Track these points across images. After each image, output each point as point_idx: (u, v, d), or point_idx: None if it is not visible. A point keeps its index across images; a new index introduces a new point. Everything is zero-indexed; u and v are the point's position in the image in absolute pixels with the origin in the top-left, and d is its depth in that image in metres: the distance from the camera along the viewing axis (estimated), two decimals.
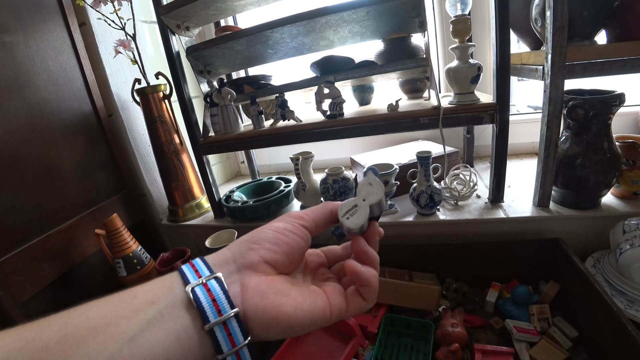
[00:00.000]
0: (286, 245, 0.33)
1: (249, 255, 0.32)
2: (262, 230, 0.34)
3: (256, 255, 0.32)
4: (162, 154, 1.11)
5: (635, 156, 0.81)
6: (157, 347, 0.25)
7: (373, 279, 0.33)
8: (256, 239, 0.33)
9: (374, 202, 0.35)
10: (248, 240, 0.33)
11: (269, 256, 0.32)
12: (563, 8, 0.69)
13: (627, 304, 0.71)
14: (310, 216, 0.36)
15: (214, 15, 1.03)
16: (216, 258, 0.32)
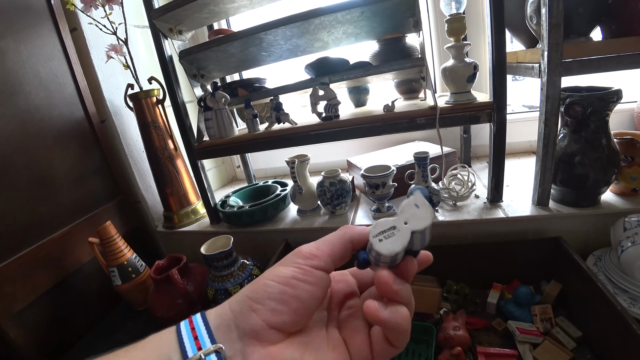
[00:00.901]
0: (295, 301, 0.27)
1: (250, 318, 0.27)
2: (264, 282, 0.28)
3: (259, 319, 0.26)
4: (157, 160, 1.10)
5: (634, 152, 0.80)
6: None
7: (403, 323, 0.27)
8: (257, 297, 0.27)
9: (419, 228, 0.27)
10: (249, 297, 0.28)
11: (275, 320, 0.26)
12: (559, 5, 0.69)
13: (631, 302, 0.70)
14: (325, 252, 0.29)
15: (207, 18, 1.02)
16: (218, 319, 0.28)
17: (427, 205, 0.28)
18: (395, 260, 0.28)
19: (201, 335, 0.26)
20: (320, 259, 0.29)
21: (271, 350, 0.26)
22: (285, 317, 0.27)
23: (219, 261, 0.81)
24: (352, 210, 0.99)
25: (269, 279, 0.28)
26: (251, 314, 0.27)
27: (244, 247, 0.98)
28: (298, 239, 0.95)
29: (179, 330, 0.27)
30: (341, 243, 0.30)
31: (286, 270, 0.28)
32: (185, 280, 0.89)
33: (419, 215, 0.28)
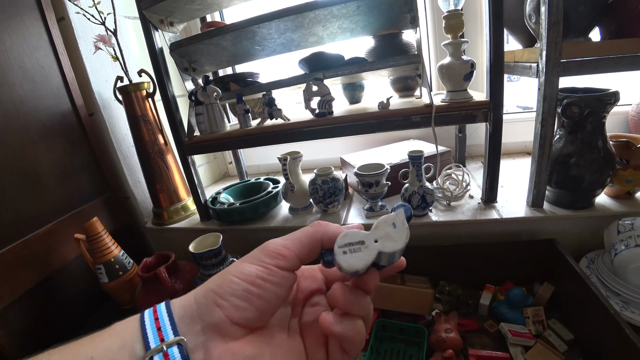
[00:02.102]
0: (259, 299, 0.27)
1: (214, 313, 0.26)
2: (230, 278, 0.27)
3: (222, 315, 0.26)
4: (146, 155, 1.07)
5: (629, 155, 0.80)
6: None
7: (356, 337, 0.27)
8: (222, 293, 0.27)
9: (388, 251, 0.26)
10: (214, 292, 0.27)
11: (237, 316, 0.26)
12: (558, 3, 0.68)
13: (623, 305, 0.70)
14: (293, 251, 0.29)
15: (198, 10, 0.99)
16: (182, 310, 0.27)
17: (404, 228, 0.27)
18: (357, 273, 0.27)
19: (164, 326, 0.26)
20: (287, 259, 0.28)
21: (232, 346, 0.26)
22: (249, 314, 0.27)
23: (207, 259, 0.79)
24: (345, 208, 0.98)
25: (234, 275, 0.28)
26: (215, 309, 0.26)
27: (234, 245, 0.96)
28: None
29: (142, 319, 0.27)
30: (310, 242, 0.30)
31: (251, 268, 0.28)
32: (173, 278, 0.87)
33: (392, 236, 0.27)
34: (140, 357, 0.25)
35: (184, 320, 0.26)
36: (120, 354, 0.25)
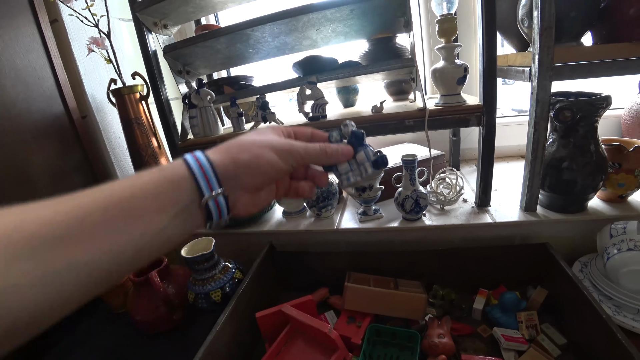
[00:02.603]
0: (263, 176, 0.38)
1: (237, 180, 0.36)
2: (257, 162, 0.37)
3: (240, 183, 0.36)
4: (140, 158, 1.07)
5: (622, 159, 0.80)
6: (175, 236, 0.34)
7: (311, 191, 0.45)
8: (238, 171, 0.36)
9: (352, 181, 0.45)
10: (235, 164, 0.36)
11: (258, 183, 0.38)
12: (551, 8, 0.68)
13: (615, 309, 0.70)
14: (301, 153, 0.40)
15: (193, 13, 0.99)
16: (221, 169, 0.35)
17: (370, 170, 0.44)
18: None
19: (211, 179, 0.34)
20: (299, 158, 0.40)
21: (251, 197, 0.38)
22: (258, 183, 0.38)
23: (200, 264, 0.78)
24: (339, 212, 0.98)
25: (246, 152, 0.37)
26: (236, 178, 0.36)
27: (227, 249, 0.96)
28: (283, 241, 0.93)
29: (196, 177, 0.34)
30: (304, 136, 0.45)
31: (272, 156, 0.38)
32: (165, 283, 0.86)
33: (361, 172, 0.45)
34: (196, 199, 0.34)
35: (223, 178, 0.35)
36: (183, 195, 0.33)
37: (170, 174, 0.34)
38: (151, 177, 0.33)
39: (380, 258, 0.84)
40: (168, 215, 0.32)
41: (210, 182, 0.34)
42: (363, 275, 0.81)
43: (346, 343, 0.71)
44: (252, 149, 0.37)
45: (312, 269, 0.88)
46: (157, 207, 0.32)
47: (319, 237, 0.92)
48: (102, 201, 0.29)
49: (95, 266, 0.28)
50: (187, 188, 0.33)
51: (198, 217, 0.35)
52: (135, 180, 0.33)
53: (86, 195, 0.30)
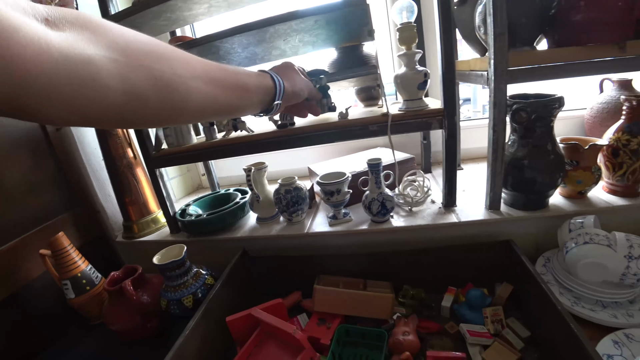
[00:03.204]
0: (298, 99, 0.69)
1: (287, 98, 0.64)
2: (296, 85, 0.66)
3: (287, 99, 0.64)
4: (115, 169, 1.08)
5: (579, 157, 0.84)
6: (249, 110, 0.58)
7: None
8: (289, 96, 0.64)
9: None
10: (292, 92, 0.64)
11: (292, 101, 0.67)
12: (502, 15, 0.71)
13: (575, 301, 0.73)
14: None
15: (165, 25, 1.01)
16: (285, 92, 0.62)
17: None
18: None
19: (280, 95, 0.61)
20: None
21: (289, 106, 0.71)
22: (298, 101, 0.70)
23: (171, 271, 0.79)
24: (311, 217, 1.00)
25: (302, 91, 0.69)
26: (291, 98, 0.66)
27: (202, 256, 0.97)
28: (256, 247, 0.94)
29: (276, 88, 0.61)
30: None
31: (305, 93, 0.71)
32: (141, 291, 0.86)
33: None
34: (269, 100, 0.60)
35: (284, 95, 0.62)
36: (267, 92, 0.59)
37: (267, 84, 0.58)
38: (260, 79, 0.57)
39: (350, 260, 0.86)
40: (256, 98, 0.57)
41: (280, 93, 0.60)
42: (333, 277, 0.83)
43: (316, 344, 0.72)
44: (300, 86, 0.67)
45: (285, 273, 0.90)
46: (255, 93, 0.56)
47: (290, 241, 0.93)
48: (241, 80, 0.52)
49: (222, 102, 0.48)
50: (271, 93, 0.59)
51: (260, 106, 0.59)
52: (252, 77, 0.56)
53: (229, 69, 0.50)
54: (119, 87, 0.34)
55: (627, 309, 0.69)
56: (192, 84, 0.42)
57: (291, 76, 0.65)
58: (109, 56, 0.32)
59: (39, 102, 0.29)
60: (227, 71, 0.49)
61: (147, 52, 0.37)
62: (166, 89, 0.39)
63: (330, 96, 0.83)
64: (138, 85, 0.36)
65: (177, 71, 0.40)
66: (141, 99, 0.36)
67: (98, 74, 0.31)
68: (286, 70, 0.66)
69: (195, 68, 0.43)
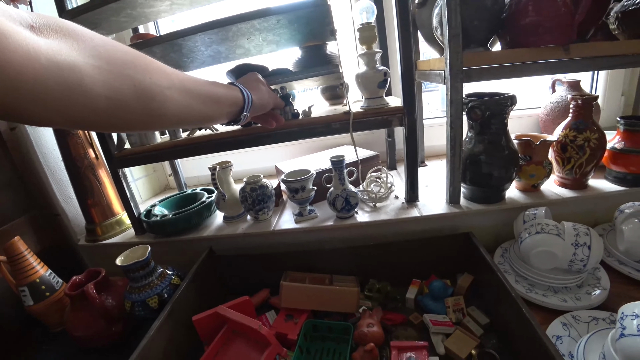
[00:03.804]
0: (263, 110, 0.72)
1: (254, 110, 0.67)
2: (263, 98, 0.69)
3: (254, 111, 0.67)
4: (76, 170, 1.04)
5: (531, 152, 0.88)
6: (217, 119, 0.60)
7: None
8: (257, 108, 0.67)
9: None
10: (259, 104, 0.68)
11: (258, 112, 0.70)
12: (456, 17, 0.74)
13: (529, 287, 0.77)
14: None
15: (125, 22, 0.98)
16: (253, 105, 0.65)
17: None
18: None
19: (248, 108, 0.64)
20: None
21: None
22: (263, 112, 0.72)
23: (135, 272, 0.78)
24: (277, 214, 1.00)
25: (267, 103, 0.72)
26: (258, 110, 0.69)
27: (168, 256, 0.96)
28: (223, 246, 0.94)
29: (245, 99, 0.63)
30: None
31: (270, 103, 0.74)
32: (104, 294, 0.84)
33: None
34: (237, 112, 0.63)
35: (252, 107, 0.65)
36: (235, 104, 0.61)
37: (237, 97, 0.61)
38: (230, 92, 0.60)
39: (317, 256, 0.87)
40: (227, 109, 0.59)
41: (247, 108, 0.63)
42: (300, 274, 0.84)
43: (284, 339, 0.73)
44: (266, 98, 0.70)
45: (253, 271, 0.90)
46: (226, 104, 0.59)
47: (257, 239, 0.94)
48: (213, 92, 0.55)
49: (195, 111, 0.51)
50: (239, 105, 0.62)
51: (229, 117, 0.62)
52: (223, 89, 0.58)
53: (202, 82, 0.53)
54: (102, 93, 0.35)
55: (575, 293, 0.74)
56: (169, 93, 0.44)
57: (258, 88, 0.69)
58: (92, 63, 0.34)
59: (29, 106, 0.30)
60: (201, 83, 0.52)
61: (127, 61, 0.39)
62: (146, 96, 0.41)
63: (292, 104, 0.88)
64: (120, 91, 0.37)
65: (155, 80, 0.42)
66: (123, 104, 0.38)
67: (83, 80, 0.33)
68: (253, 82, 0.70)
69: (171, 79, 0.45)
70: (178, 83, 0.46)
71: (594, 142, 0.85)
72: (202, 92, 0.52)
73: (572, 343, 0.64)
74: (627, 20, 0.81)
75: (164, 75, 0.44)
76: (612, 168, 0.92)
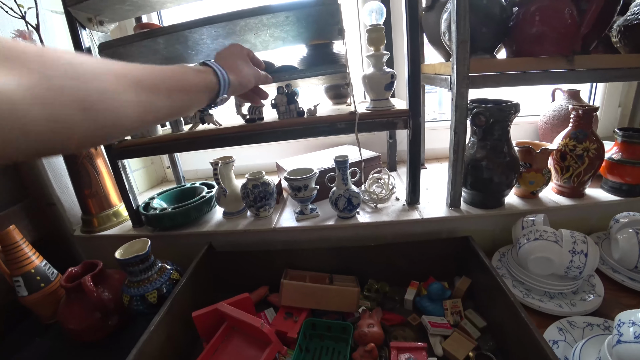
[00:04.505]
0: (245, 89, 0.67)
1: (234, 90, 0.63)
2: (243, 77, 0.64)
3: (233, 90, 0.63)
4: (73, 159, 1.02)
5: (531, 159, 0.90)
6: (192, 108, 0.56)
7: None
8: (236, 87, 0.63)
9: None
10: (238, 83, 0.63)
11: (239, 92, 0.66)
12: (465, 24, 0.75)
13: (526, 292, 0.78)
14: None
15: (130, 10, 0.97)
16: (231, 85, 0.61)
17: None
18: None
19: (225, 90, 0.59)
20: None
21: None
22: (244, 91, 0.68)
23: (134, 266, 0.77)
24: (278, 212, 1.00)
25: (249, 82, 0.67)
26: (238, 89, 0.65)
27: (166, 250, 0.95)
28: (222, 242, 0.93)
29: (220, 84, 0.58)
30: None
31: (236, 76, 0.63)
32: (101, 287, 0.83)
33: None
34: (214, 96, 0.58)
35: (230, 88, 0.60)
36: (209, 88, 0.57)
37: (209, 80, 0.56)
38: (201, 77, 0.55)
39: (317, 255, 0.87)
40: (199, 96, 0.55)
41: (224, 90, 0.59)
42: (300, 272, 0.84)
43: (283, 338, 0.73)
44: (246, 77, 0.65)
45: (252, 268, 0.90)
46: (196, 92, 0.54)
47: (257, 236, 0.93)
48: (179, 81, 0.50)
49: (160, 108, 0.46)
50: (214, 90, 0.57)
51: (205, 103, 0.58)
52: (192, 75, 0.53)
53: (165, 71, 0.47)
54: (40, 115, 0.30)
55: (570, 299, 0.75)
56: (125, 97, 0.40)
57: (236, 66, 0.63)
58: (25, 83, 0.29)
59: None
60: (163, 74, 0.47)
61: (71, 73, 0.34)
62: (95, 109, 0.36)
63: (297, 102, 0.87)
64: (62, 110, 0.32)
65: (107, 87, 0.37)
66: (67, 123, 0.33)
67: (14, 105, 0.28)
68: (232, 58, 0.64)
69: (126, 79, 0.40)
70: (134, 82, 0.41)
71: (592, 152, 0.87)
72: (165, 85, 0.46)
73: (568, 348, 0.65)
74: (629, 34, 0.82)
75: (117, 77, 0.39)
76: (608, 178, 0.93)
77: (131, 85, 0.41)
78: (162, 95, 0.46)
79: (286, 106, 0.84)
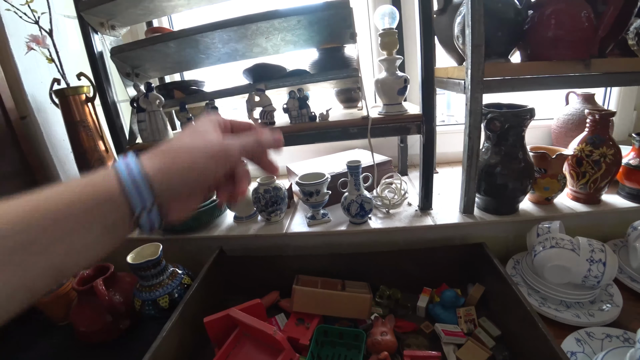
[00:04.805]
0: (196, 183, 0.35)
1: (171, 190, 0.33)
2: (178, 158, 0.34)
3: (173, 193, 0.34)
4: (85, 162, 1.03)
5: (546, 165, 0.88)
6: (101, 250, 0.32)
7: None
8: (172, 181, 0.33)
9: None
10: (169, 174, 0.33)
11: (185, 193, 0.35)
12: (480, 27, 0.74)
13: (542, 301, 0.77)
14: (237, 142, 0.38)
15: (142, 15, 0.97)
16: (156, 180, 0.32)
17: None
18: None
19: (144, 194, 0.31)
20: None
21: (182, 202, 0.35)
22: (199, 189, 0.36)
23: (146, 270, 0.77)
24: (289, 216, 0.99)
25: (180, 164, 0.34)
26: (179, 186, 0.34)
27: (176, 255, 0.94)
28: (233, 246, 0.93)
29: (123, 185, 0.31)
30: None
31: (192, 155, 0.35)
32: (112, 291, 0.83)
33: None
34: (127, 214, 0.31)
35: (156, 188, 0.32)
36: (107, 208, 0.30)
37: (101, 189, 0.30)
38: (80, 191, 0.30)
39: (328, 261, 0.86)
40: (94, 232, 0.30)
41: (142, 197, 0.31)
42: (312, 278, 0.84)
43: (295, 344, 0.72)
44: (187, 157, 0.34)
45: (263, 273, 0.89)
46: (83, 226, 0.29)
47: (268, 241, 0.93)
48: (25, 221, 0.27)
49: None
50: (118, 203, 0.31)
51: (127, 229, 0.33)
52: (62, 194, 0.29)
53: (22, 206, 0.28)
54: None
55: (588, 309, 0.74)
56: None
57: (176, 149, 0.35)
58: None
59: None
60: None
61: None
62: None
63: (309, 106, 0.86)
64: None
65: None
66: None
67: None
68: (176, 144, 0.36)
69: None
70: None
71: (609, 157, 0.85)
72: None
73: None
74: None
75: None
76: (625, 184, 0.92)
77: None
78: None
79: (298, 110, 0.84)
